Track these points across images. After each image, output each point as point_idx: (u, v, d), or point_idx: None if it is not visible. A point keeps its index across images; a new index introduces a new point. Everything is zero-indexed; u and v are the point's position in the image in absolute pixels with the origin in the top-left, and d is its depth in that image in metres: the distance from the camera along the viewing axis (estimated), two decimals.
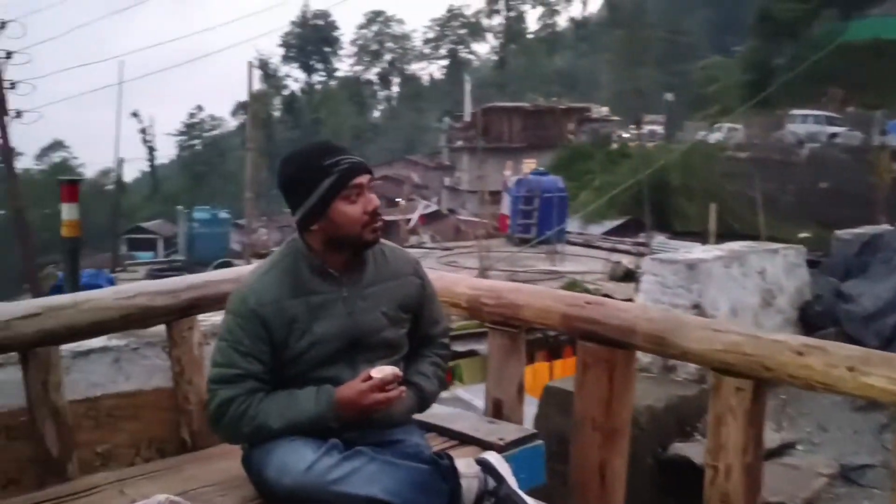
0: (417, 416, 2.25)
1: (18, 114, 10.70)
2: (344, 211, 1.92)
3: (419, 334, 2.20)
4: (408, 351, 2.19)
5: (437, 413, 2.49)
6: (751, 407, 1.99)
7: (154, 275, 13.71)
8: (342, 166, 1.92)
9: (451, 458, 1.90)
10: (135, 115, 59.53)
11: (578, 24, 69.23)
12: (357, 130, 58.21)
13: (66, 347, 2.42)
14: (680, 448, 3.48)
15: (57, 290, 10.98)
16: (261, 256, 17.36)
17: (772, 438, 3.56)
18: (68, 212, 7.87)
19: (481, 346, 9.38)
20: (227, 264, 11.18)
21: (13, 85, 10.62)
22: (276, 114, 62.30)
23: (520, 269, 13.19)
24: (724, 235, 13.37)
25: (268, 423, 1.88)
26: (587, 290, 10.60)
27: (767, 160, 24.74)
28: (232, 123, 63.72)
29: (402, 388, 1.96)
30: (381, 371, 1.90)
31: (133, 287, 2.44)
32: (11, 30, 10.45)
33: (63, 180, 8.17)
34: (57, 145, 65.32)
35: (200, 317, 2.57)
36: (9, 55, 10.56)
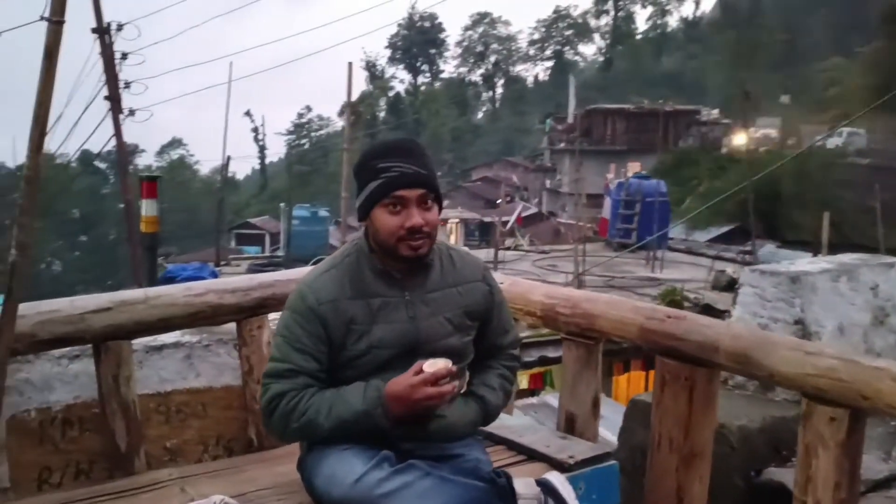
0: (486, 428, 2.15)
1: (131, 112, 11.28)
2: (382, 219, 1.87)
3: (486, 343, 2.11)
4: (474, 360, 2.10)
5: (506, 425, 2.39)
6: (845, 439, 1.79)
7: (254, 269, 14.12)
8: (390, 174, 1.85)
9: (509, 478, 1.79)
10: (247, 114, 61.94)
11: (690, 25, 67.26)
12: (458, 132, 58.53)
13: (140, 342, 2.45)
14: (774, 473, 3.22)
15: (165, 281, 11.43)
16: None
17: (878, 469, 3.26)
18: (148, 208, 7.97)
19: None
20: None
21: (127, 85, 11.19)
22: (382, 114, 63.39)
23: (617, 275, 12.88)
24: (838, 246, 12.60)
25: (317, 420, 1.82)
26: (686, 299, 10.21)
27: (891, 168, 23.26)
28: (339, 124, 65.28)
29: (456, 382, 1.86)
30: (433, 364, 1.81)
31: (203, 285, 2.44)
32: (127, 32, 11.03)
33: (143, 177, 8.30)
34: (176, 143, 68.71)
35: (270, 316, 2.56)
36: (124, 56, 11.14)
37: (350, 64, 9.44)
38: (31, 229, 2.06)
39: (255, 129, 61.33)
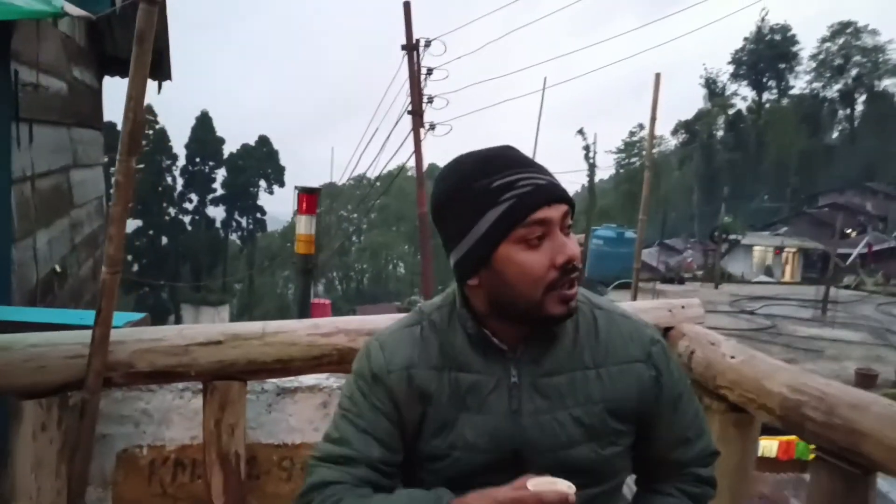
0: None
1: (432, 127, 11.55)
2: (516, 260, 1.19)
3: (652, 457, 1.37)
4: (637, 482, 1.37)
5: None
6: None
7: None
8: (519, 189, 1.18)
9: None
10: (580, 132, 62.48)
11: None
12: (806, 153, 53.02)
13: (273, 381, 2.10)
14: None
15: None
16: (670, 280, 16.51)
17: None
18: (305, 225, 6.51)
19: None
20: (628, 285, 10.62)
21: (430, 100, 11.47)
22: (720, 133, 59.86)
23: None
24: None
25: None
26: None
27: None
28: (671, 142, 63.05)
29: None
30: (544, 484, 1.12)
31: (332, 322, 1.99)
32: (434, 48, 11.33)
33: (302, 189, 6.59)
34: None
35: None
36: (429, 72, 11.45)
37: (658, 75, 8.54)
38: (122, 242, 1.78)
39: (587, 147, 61.60)
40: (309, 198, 6.56)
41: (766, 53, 61.65)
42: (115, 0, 4.65)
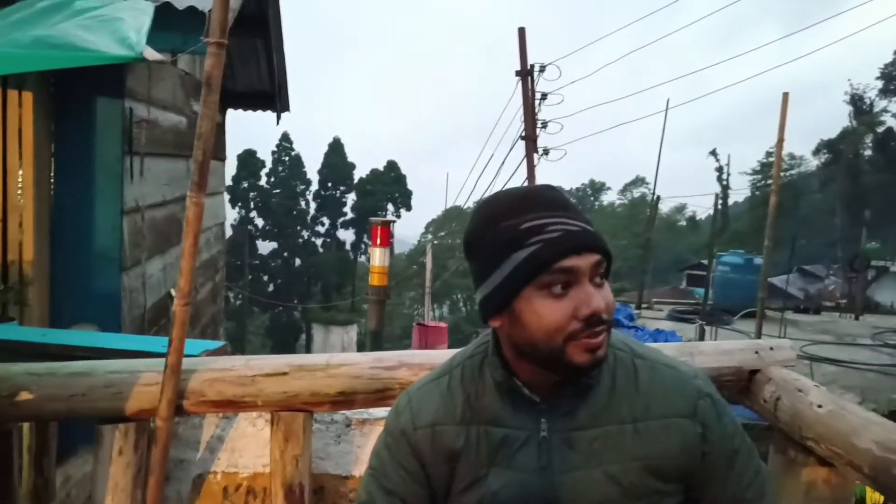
0: None
1: (545, 151, 11.43)
2: (539, 309, 1.13)
3: None
4: None
5: None
6: None
7: (674, 316, 13.26)
8: (548, 234, 1.12)
9: None
10: (713, 153, 60.44)
11: None
12: None
13: (344, 412, 2.11)
14: None
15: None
16: (805, 310, 15.54)
17: None
18: (379, 258, 6.72)
19: None
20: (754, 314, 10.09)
21: (545, 125, 11.36)
22: (868, 153, 56.20)
23: None
24: None
25: None
26: None
27: None
28: (813, 164, 59.73)
29: None
30: None
31: (395, 356, 1.98)
32: (549, 73, 11.24)
33: (376, 222, 6.87)
34: (639, 181, 70.29)
35: None
36: (544, 97, 11.34)
37: (786, 94, 8.11)
38: (192, 275, 1.85)
39: (720, 169, 59.46)
40: (383, 230, 6.70)
41: None
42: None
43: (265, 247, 48.41)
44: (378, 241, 6.51)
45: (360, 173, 50.25)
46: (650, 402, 1.22)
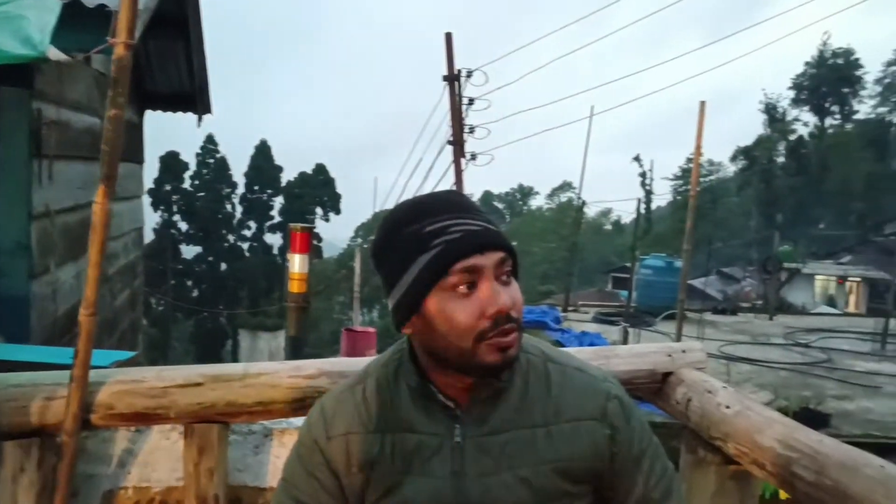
0: None
1: (474, 157, 11.56)
2: (445, 309, 1.14)
3: None
4: None
5: None
6: None
7: (599, 318, 13.53)
8: (449, 235, 1.13)
9: None
10: (636, 159, 61.88)
11: None
12: (873, 179, 51.38)
13: (263, 422, 2.07)
14: None
15: None
16: (722, 311, 16.06)
17: None
18: (299, 264, 6.47)
19: None
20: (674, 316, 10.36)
21: (472, 130, 11.47)
22: (781, 160, 58.46)
23: None
24: None
25: None
26: None
27: None
28: (730, 169, 61.84)
29: None
30: None
31: (315, 364, 1.96)
32: (477, 78, 11.34)
33: (295, 227, 6.62)
34: (566, 186, 71.48)
35: None
36: (471, 102, 11.46)
37: (702, 103, 8.39)
38: (98, 284, 1.78)
39: (643, 174, 60.92)
40: (302, 236, 6.58)
41: (829, 78, 60.17)
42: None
43: (189, 251, 47.21)
44: (297, 248, 6.38)
45: (287, 176, 49.53)
46: (561, 406, 1.25)
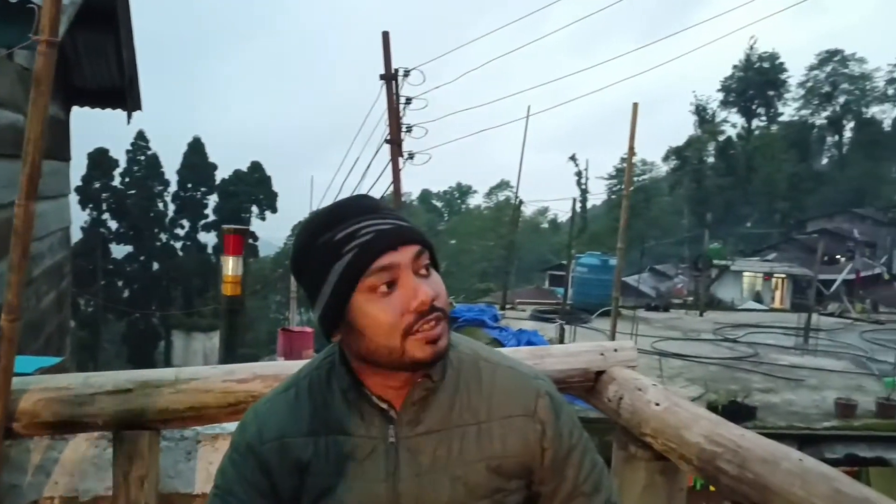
0: None
1: (411, 156, 11.57)
2: (368, 311, 1.14)
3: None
4: None
5: None
6: None
7: (536, 316, 13.70)
8: (361, 238, 1.14)
9: None
10: (572, 158, 62.83)
11: None
12: (796, 179, 53.30)
13: (195, 428, 2.03)
14: None
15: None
16: (655, 308, 16.45)
17: None
18: (232, 266, 6.36)
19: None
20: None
21: (409, 129, 11.48)
22: (710, 160, 60.10)
23: None
24: None
25: None
26: None
27: None
28: (663, 169, 63.29)
29: None
30: None
31: (249, 368, 1.94)
32: (412, 77, 11.35)
33: (228, 230, 6.52)
34: (504, 184, 72.06)
35: None
36: (408, 101, 11.47)
37: (635, 104, 8.56)
38: (21, 288, 1.73)
39: (579, 174, 61.87)
40: (236, 238, 6.48)
41: (755, 81, 62.15)
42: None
43: (120, 250, 45.90)
44: (231, 250, 6.23)
45: (222, 174, 48.61)
46: (492, 403, 1.26)
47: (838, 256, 34.06)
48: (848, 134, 62.61)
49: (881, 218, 42.57)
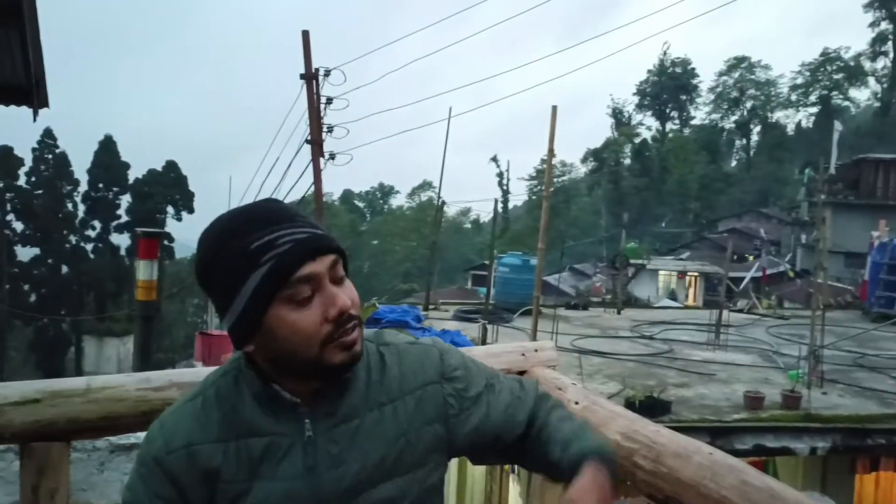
0: None
1: (332, 156, 11.51)
2: (287, 321, 1.15)
3: (505, 445, 1.41)
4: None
5: None
6: None
7: (460, 316, 13.77)
8: (279, 248, 1.13)
9: None
10: (493, 159, 63.55)
11: None
12: (706, 180, 55.33)
13: (107, 437, 1.97)
14: None
15: (371, 323, 11.39)
16: (574, 306, 16.80)
17: None
18: (145, 270, 6.23)
19: (799, 445, 7.73)
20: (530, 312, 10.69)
21: (330, 129, 11.42)
22: (627, 161, 61.78)
23: (871, 352, 10.81)
24: None
25: None
26: None
27: None
28: (582, 170, 64.73)
29: None
30: None
31: (165, 376, 1.89)
32: (334, 77, 11.29)
33: (144, 233, 6.78)
34: (426, 185, 72.23)
35: None
36: (329, 101, 11.41)
37: (554, 107, 8.72)
38: None
39: (500, 175, 62.64)
40: (149, 242, 6.20)
41: (669, 85, 64.27)
42: None
43: (26, 253, 43.91)
44: (144, 254, 5.92)
45: (136, 173, 47.08)
46: (402, 381, 1.31)
47: (746, 255, 35.45)
48: (755, 137, 65.37)
49: (785, 217, 44.55)
